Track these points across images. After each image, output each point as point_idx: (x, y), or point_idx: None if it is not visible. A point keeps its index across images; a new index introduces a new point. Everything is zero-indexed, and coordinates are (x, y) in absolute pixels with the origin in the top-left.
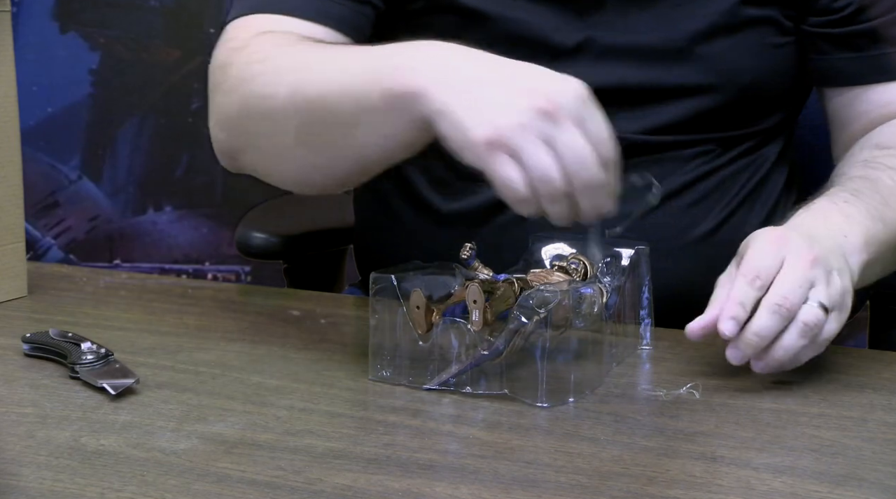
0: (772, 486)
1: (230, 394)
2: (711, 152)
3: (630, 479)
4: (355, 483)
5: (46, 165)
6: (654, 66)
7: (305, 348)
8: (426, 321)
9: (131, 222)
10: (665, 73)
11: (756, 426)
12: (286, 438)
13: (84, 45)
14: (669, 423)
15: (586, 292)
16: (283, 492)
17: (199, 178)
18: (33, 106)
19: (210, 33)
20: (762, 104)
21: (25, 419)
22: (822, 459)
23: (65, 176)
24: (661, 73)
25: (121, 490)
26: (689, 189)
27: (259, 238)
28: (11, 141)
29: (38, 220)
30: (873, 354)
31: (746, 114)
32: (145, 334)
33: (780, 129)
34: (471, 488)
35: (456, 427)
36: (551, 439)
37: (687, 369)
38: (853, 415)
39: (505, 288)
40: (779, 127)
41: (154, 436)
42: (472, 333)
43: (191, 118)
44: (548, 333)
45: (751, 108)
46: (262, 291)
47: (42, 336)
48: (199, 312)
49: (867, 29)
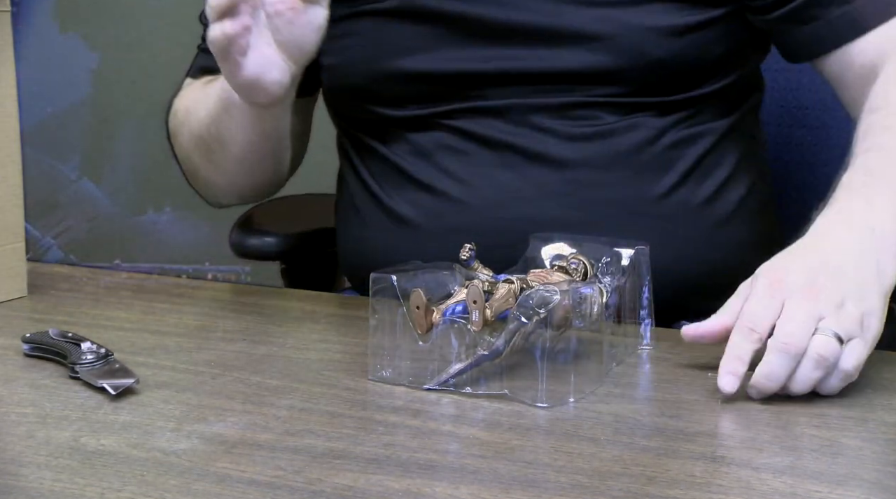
0: (772, 486)
1: (230, 394)
2: (645, 125)
3: (630, 479)
4: (355, 483)
5: (46, 165)
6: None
7: (305, 348)
8: (426, 321)
9: (131, 222)
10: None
11: (756, 426)
12: (286, 438)
13: (84, 45)
14: (669, 423)
15: (586, 292)
16: (283, 492)
17: None
18: (33, 106)
19: None
20: (684, 77)
21: (25, 419)
22: (822, 459)
23: (65, 176)
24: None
25: (121, 490)
26: (632, 157)
27: (254, 240)
28: (11, 141)
29: (38, 220)
30: (873, 354)
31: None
32: (145, 334)
33: (720, 98)
34: (471, 488)
35: (456, 427)
36: (551, 439)
37: (687, 369)
38: (853, 415)
39: (505, 288)
40: (718, 96)
41: (154, 436)
42: (472, 334)
43: None
44: (548, 333)
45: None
46: (262, 291)
47: (42, 336)
48: (199, 312)
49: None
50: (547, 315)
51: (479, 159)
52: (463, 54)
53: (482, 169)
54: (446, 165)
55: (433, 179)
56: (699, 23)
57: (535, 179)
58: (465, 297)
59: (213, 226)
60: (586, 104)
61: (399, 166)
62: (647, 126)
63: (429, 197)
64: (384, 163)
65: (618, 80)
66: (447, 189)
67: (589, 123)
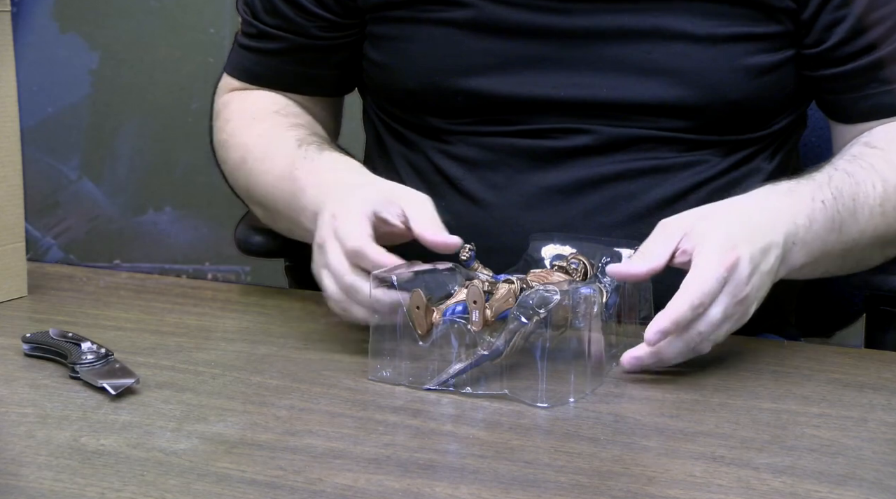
0: (772, 486)
1: (230, 394)
2: (707, 162)
3: (630, 479)
4: (355, 483)
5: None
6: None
7: (305, 348)
8: (426, 321)
9: (131, 222)
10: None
11: (756, 426)
12: (286, 438)
13: (84, 45)
14: (669, 423)
15: (586, 292)
16: (283, 492)
17: (199, 178)
18: (33, 106)
19: (210, 33)
20: (754, 117)
21: (25, 419)
22: (822, 459)
23: (65, 176)
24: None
25: (121, 490)
26: (681, 199)
27: (259, 237)
28: (11, 141)
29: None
30: (873, 354)
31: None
32: (145, 334)
33: (776, 138)
34: (471, 488)
35: (456, 427)
36: (551, 439)
37: (687, 369)
38: (853, 415)
39: (505, 288)
40: (775, 136)
41: (154, 436)
42: (472, 334)
43: (191, 118)
44: (548, 333)
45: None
46: (262, 291)
47: (42, 336)
48: (199, 312)
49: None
50: (547, 315)
51: (521, 176)
52: (534, 78)
53: (520, 179)
54: (488, 175)
55: (471, 186)
56: (774, 64)
57: (579, 205)
58: (465, 297)
59: (213, 226)
60: (649, 139)
61: (437, 166)
62: (709, 164)
63: (460, 201)
64: (421, 157)
65: (688, 115)
66: (481, 195)
67: (647, 156)
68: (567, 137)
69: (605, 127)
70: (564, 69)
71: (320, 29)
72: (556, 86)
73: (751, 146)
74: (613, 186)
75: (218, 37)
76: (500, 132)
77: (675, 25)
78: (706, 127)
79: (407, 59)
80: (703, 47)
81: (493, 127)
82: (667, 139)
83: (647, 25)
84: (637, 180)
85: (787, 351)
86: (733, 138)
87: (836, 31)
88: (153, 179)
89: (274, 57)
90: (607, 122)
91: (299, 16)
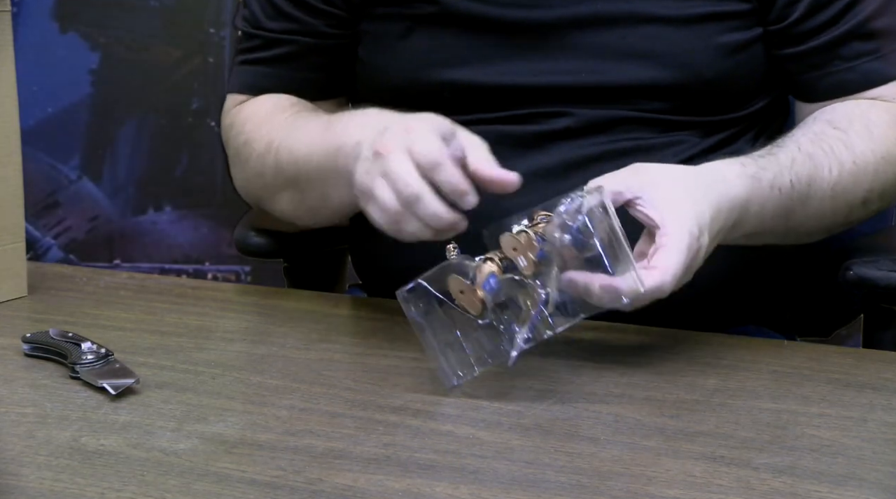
0: (772, 486)
1: (230, 394)
2: (687, 142)
3: (630, 479)
4: (355, 483)
5: (46, 165)
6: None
7: (305, 348)
8: (476, 299)
9: (131, 222)
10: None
11: (756, 426)
12: (286, 438)
13: (84, 45)
14: (669, 423)
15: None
16: (283, 492)
17: (199, 178)
18: (33, 106)
19: (210, 33)
20: (730, 97)
21: (25, 419)
22: (822, 459)
23: (65, 176)
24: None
25: (121, 490)
26: None
27: (258, 238)
28: (11, 141)
29: (38, 220)
30: (873, 354)
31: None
32: (145, 334)
33: (756, 121)
34: (471, 488)
35: (456, 427)
36: (551, 439)
37: (687, 369)
38: (853, 415)
39: (527, 234)
40: (754, 118)
41: (154, 436)
42: (524, 283)
43: (191, 118)
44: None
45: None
46: (262, 291)
47: (42, 336)
48: (199, 312)
49: (824, 45)
50: (585, 224)
51: (508, 161)
52: (513, 67)
53: (507, 164)
54: None
55: None
56: (745, 41)
57: (564, 187)
58: (502, 247)
59: (213, 226)
60: (628, 120)
61: None
62: (688, 144)
63: None
64: None
65: (665, 95)
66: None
67: (628, 137)
68: (549, 120)
69: (586, 110)
70: (542, 57)
71: (328, 26)
72: (535, 73)
73: (730, 128)
74: (596, 167)
75: (218, 37)
76: (485, 120)
77: (647, 9)
78: (684, 107)
79: (390, 56)
80: (676, 28)
81: (478, 114)
82: (646, 120)
83: (621, 10)
84: (619, 161)
85: (787, 351)
86: (711, 119)
87: (796, 8)
88: (153, 179)
89: (281, 65)
90: (587, 105)
91: (307, 14)
